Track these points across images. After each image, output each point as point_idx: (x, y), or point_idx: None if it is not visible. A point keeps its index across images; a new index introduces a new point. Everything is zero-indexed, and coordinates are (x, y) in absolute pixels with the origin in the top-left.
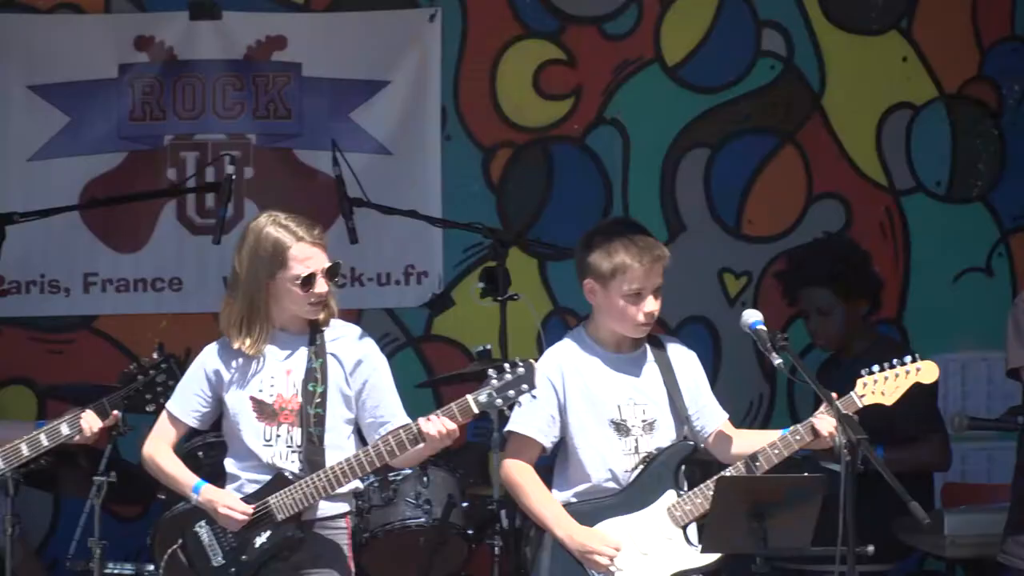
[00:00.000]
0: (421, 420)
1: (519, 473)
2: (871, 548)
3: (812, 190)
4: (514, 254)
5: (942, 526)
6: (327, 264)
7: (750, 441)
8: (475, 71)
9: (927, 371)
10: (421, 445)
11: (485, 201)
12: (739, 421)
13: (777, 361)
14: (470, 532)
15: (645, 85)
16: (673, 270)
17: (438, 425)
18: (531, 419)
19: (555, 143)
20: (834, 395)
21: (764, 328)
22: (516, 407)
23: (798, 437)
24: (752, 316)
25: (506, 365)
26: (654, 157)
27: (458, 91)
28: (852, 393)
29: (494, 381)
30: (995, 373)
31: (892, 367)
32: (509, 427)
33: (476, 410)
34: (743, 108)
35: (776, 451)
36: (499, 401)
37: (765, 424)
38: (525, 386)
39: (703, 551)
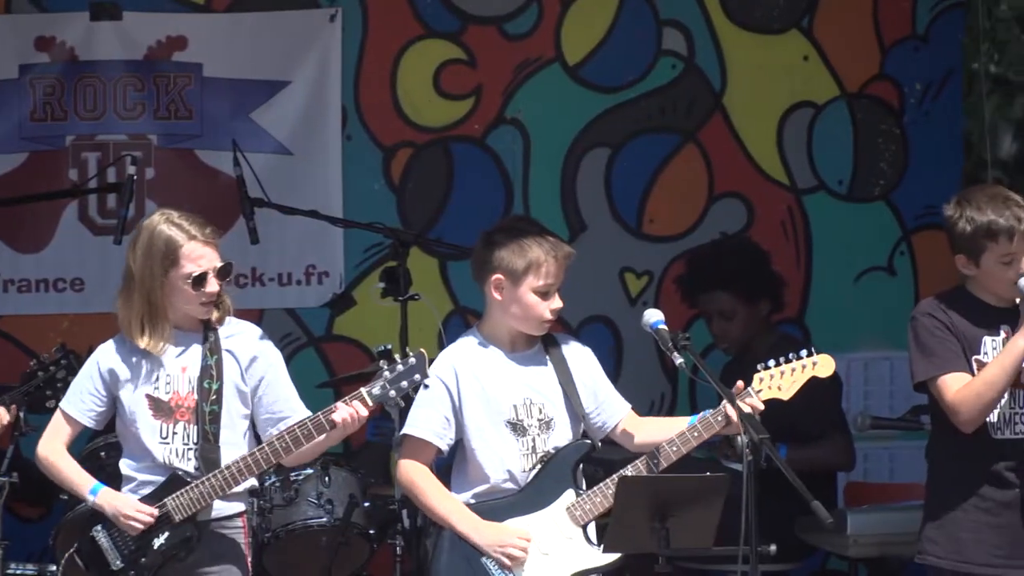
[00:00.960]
0: (333, 407)
1: (416, 475)
2: (773, 548)
3: (713, 189)
4: (415, 254)
5: (844, 525)
6: (219, 263)
7: (657, 428)
8: (375, 71)
9: (823, 365)
10: (318, 439)
11: (386, 201)
12: None
13: (679, 360)
14: (372, 532)
15: (546, 84)
16: (574, 269)
17: (349, 410)
18: (426, 422)
19: (456, 143)
20: (740, 384)
21: (665, 328)
22: (411, 409)
23: (702, 430)
24: (653, 316)
25: (397, 356)
26: (555, 157)
27: (358, 91)
28: (749, 388)
29: (386, 373)
30: (897, 372)
31: (788, 361)
32: (404, 430)
33: (371, 403)
34: (644, 107)
35: (674, 448)
36: (392, 393)
37: None
38: (417, 376)
39: (605, 551)
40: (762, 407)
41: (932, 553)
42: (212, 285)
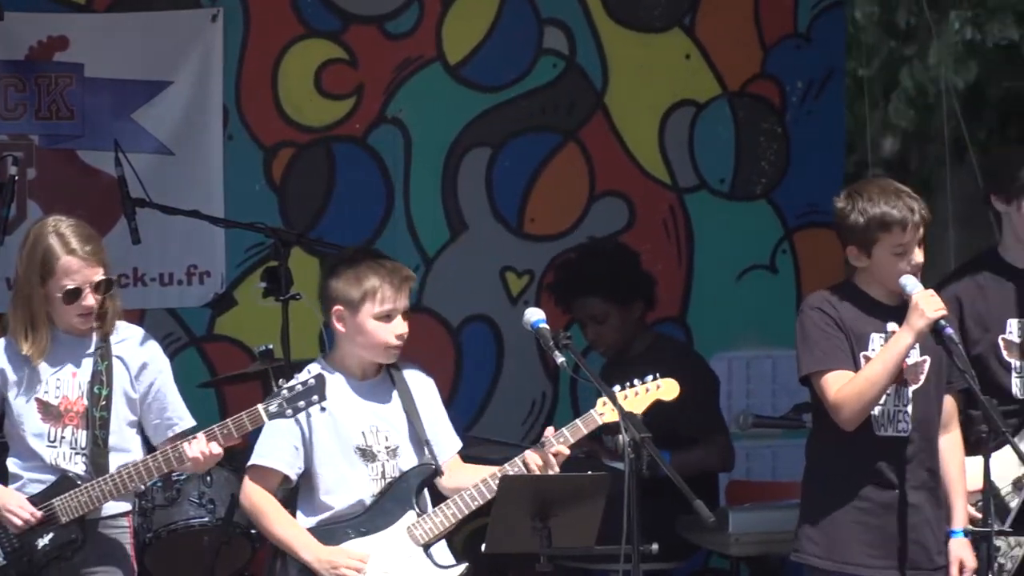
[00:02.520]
0: (184, 444)
1: (260, 500)
2: (655, 547)
3: (595, 188)
4: (296, 254)
5: (726, 524)
6: (97, 279)
7: (469, 475)
8: (257, 71)
9: (667, 389)
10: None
11: (267, 201)
12: (522, 420)
13: (560, 360)
14: (253, 531)
15: (426, 84)
16: (455, 269)
17: (202, 446)
18: (275, 451)
19: (337, 142)
20: (550, 429)
21: (547, 327)
22: (260, 438)
23: (515, 470)
24: (534, 315)
25: (297, 376)
26: (436, 156)
27: (240, 91)
28: (592, 411)
29: (285, 392)
30: (780, 371)
31: (632, 385)
32: (253, 460)
33: (266, 419)
34: (525, 107)
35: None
36: (289, 411)
37: (547, 423)
38: (315, 397)
39: (486, 551)
40: (568, 453)
41: (809, 552)
42: (87, 300)
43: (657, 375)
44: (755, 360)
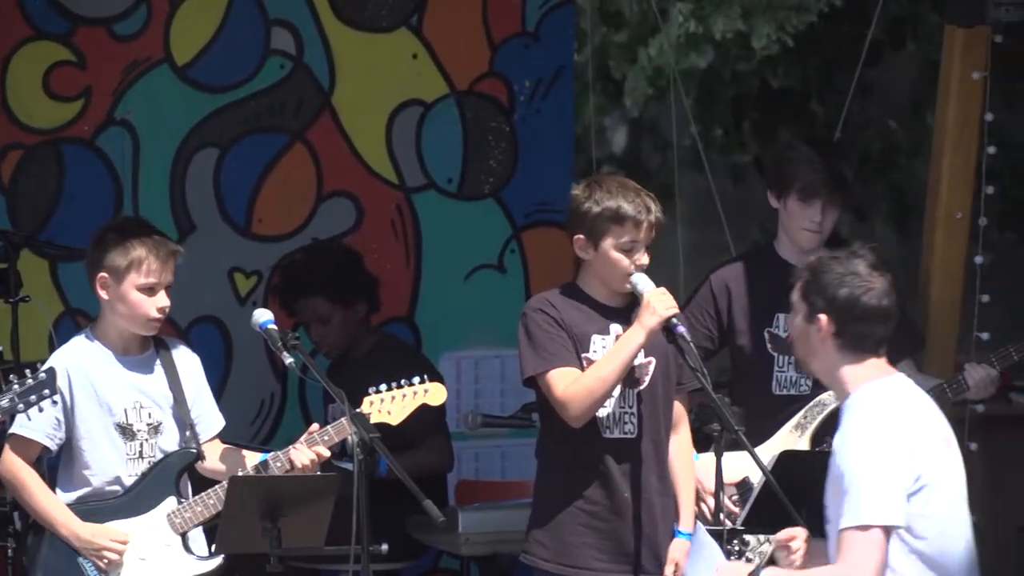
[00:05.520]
0: None
1: (20, 471)
2: (385, 547)
3: (322, 189)
4: (25, 256)
5: (456, 524)
6: None
7: (231, 459)
8: None
9: (435, 393)
10: None
11: None
12: (251, 421)
13: (288, 360)
14: None
15: (154, 85)
16: (183, 270)
17: None
18: (36, 422)
19: (66, 144)
20: (315, 426)
21: (275, 327)
22: None
23: (279, 464)
24: (263, 315)
25: (27, 371)
26: (164, 157)
27: None
28: (357, 411)
29: (16, 387)
30: (508, 370)
31: (400, 387)
32: (14, 429)
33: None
34: (253, 107)
35: (278, 464)
36: (21, 406)
37: (276, 423)
38: (47, 391)
39: (216, 552)
40: (327, 454)
41: (536, 555)
42: None
43: (425, 377)
44: (484, 360)
